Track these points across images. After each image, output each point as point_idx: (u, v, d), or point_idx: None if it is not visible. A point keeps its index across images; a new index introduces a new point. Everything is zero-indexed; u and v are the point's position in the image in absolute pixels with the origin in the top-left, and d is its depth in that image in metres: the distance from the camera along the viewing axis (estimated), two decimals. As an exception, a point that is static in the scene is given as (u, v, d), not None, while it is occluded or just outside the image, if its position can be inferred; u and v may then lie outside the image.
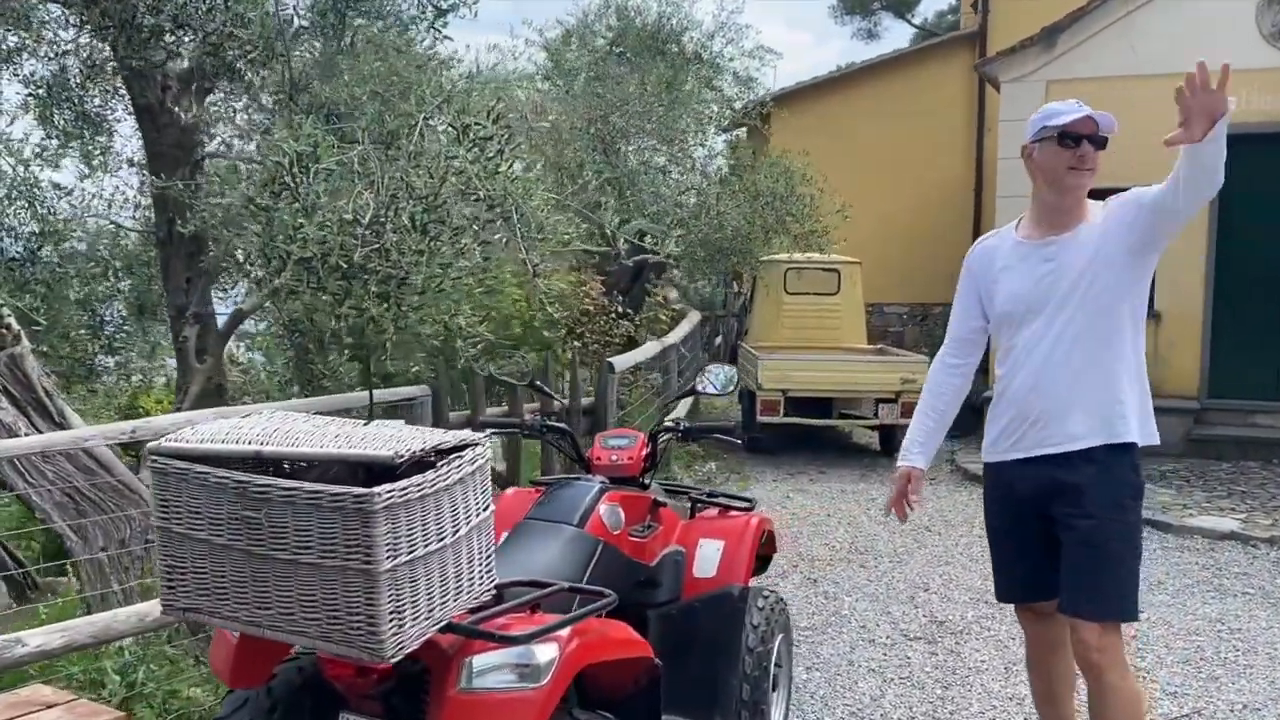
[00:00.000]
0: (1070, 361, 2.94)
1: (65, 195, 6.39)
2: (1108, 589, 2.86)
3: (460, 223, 4.52)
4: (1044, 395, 2.99)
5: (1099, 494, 2.88)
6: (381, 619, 2.05)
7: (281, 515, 2.11)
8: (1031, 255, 3.01)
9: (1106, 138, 2.89)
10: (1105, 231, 2.91)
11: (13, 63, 7.73)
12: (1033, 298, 3.00)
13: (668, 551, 3.42)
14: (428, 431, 2.33)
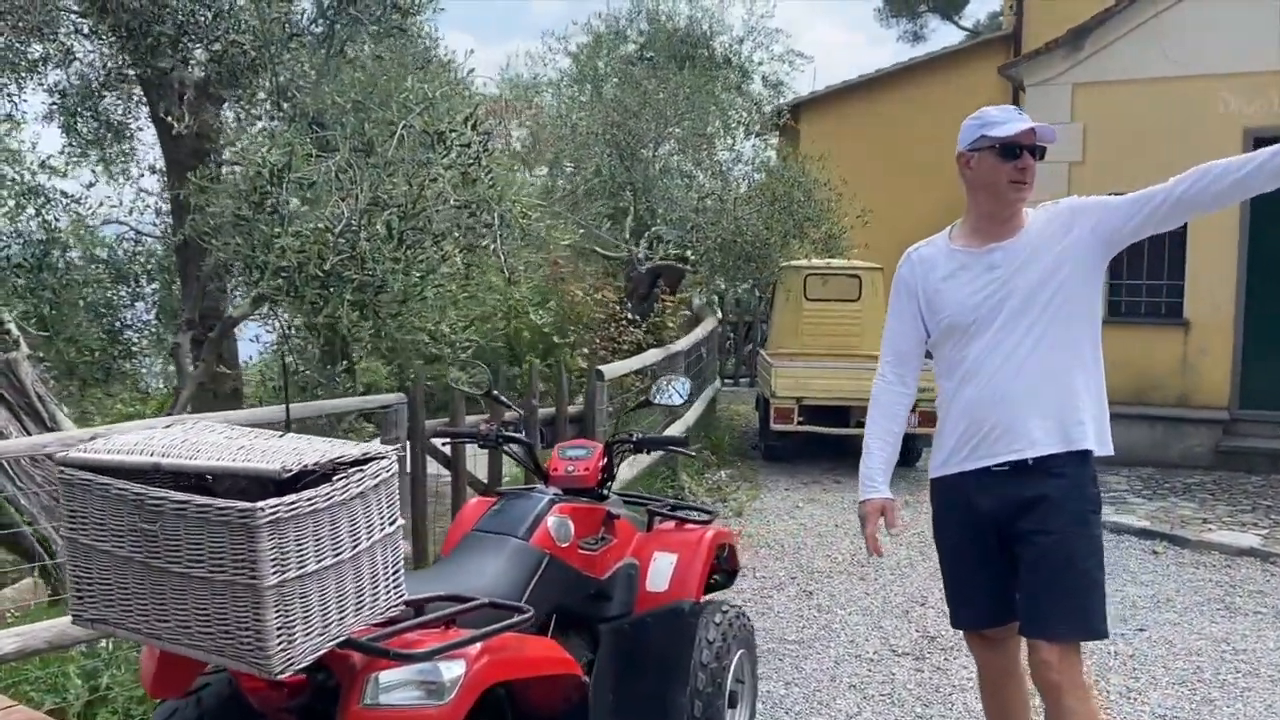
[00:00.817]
0: (1026, 370, 2.84)
1: (74, 203, 6.47)
2: (1073, 607, 2.76)
3: (442, 229, 4.53)
4: (999, 405, 2.89)
5: (1062, 508, 2.79)
6: (269, 634, 2.04)
7: (175, 529, 2.10)
8: (973, 264, 2.92)
9: (1045, 148, 2.82)
10: (1070, 234, 2.81)
11: (37, 73, 7.90)
12: (983, 308, 2.91)
13: (621, 565, 3.37)
14: (334, 444, 2.32)
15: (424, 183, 4.38)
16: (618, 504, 3.54)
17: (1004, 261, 2.86)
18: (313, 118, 4.72)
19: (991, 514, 2.92)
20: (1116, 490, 8.33)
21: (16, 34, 7.32)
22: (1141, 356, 9.72)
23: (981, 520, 2.95)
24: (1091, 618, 2.78)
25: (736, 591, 5.84)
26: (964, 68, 14.88)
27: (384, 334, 4.22)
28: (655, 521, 3.57)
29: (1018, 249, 2.85)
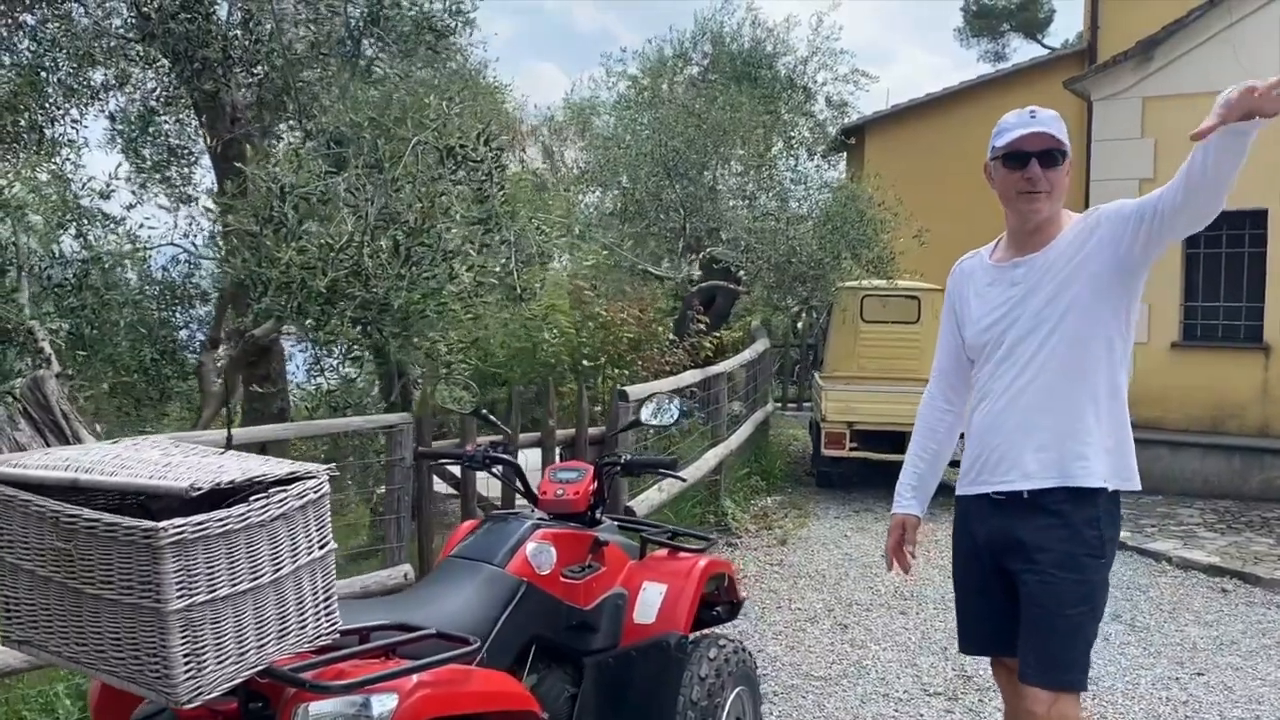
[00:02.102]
0: (1026, 398, 2.64)
1: (115, 224, 6.58)
2: (1056, 655, 2.55)
3: (452, 247, 4.44)
4: (998, 432, 2.70)
5: (1052, 551, 2.56)
6: (175, 661, 1.93)
7: (88, 548, 2.00)
8: (1000, 279, 2.73)
9: (1061, 153, 2.58)
10: (1085, 248, 2.59)
11: (99, 99, 8.11)
12: (996, 328, 2.72)
13: (609, 595, 3.20)
14: (270, 463, 2.21)
15: (432, 199, 4.29)
16: (611, 529, 3.39)
17: (1024, 278, 2.66)
18: (331, 135, 4.69)
19: (987, 543, 2.75)
20: (1187, 524, 7.89)
21: (77, 61, 7.54)
22: (1218, 382, 9.24)
23: (978, 548, 2.79)
24: (1065, 668, 2.56)
25: (769, 624, 5.63)
26: (1035, 85, 14.42)
27: (386, 352, 4.14)
28: (648, 549, 3.39)
29: (1039, 264, 2.64)
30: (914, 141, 14.68)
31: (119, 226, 6.63)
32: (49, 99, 7.59)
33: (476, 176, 4.36)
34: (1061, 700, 2.53)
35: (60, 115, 7.80)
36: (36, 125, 7.58)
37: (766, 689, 4.68)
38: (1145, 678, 4.85)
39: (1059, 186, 2.62)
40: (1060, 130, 2.59)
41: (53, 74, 7.51)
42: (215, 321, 5.72)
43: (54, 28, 7.35)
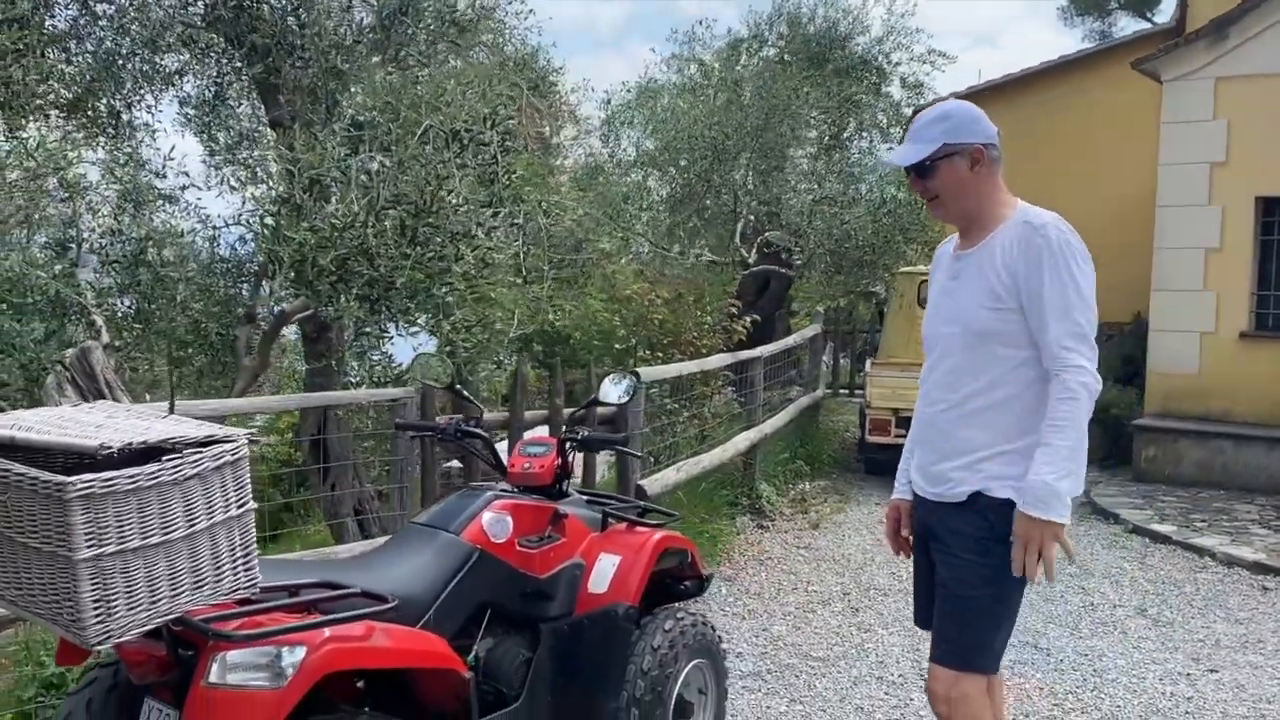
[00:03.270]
0: (946, 398, 2.63)
1: (168, 202, 6.90)
2: (957, 635, 2.57)
3: (459, 228, 4.58)
4: (922, 432, 2.74)
5: (962, 535, 2.56)
6: (85, 606, 2.09)
7: (17, 499, 2.18)
8: (949, 269, 2.72)
9: (927, 164, 2.55)
10: (1005, 260, 2.50)
11: (173, 85, 8.48)
12: (935, 320, 2.72)
13: (567, 564, 3.30)
14: (197, 426, 2.37)
15: (439, 180, 4.43)
16: (576, 503, 3.49)
17: (961, 272, 2.63)
18: (351, 119, 4.86)
19: (919, 531, 2.79)
20: (1241, 520, 7.62)
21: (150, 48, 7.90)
22: (1291, 374, 8.86)
23: (918, 530, 2.81)
24: (967, 649, 2.56)
25: (780, 605, 5.67)
26: (1122, 66, 13.96)
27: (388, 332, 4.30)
28: (609, 523, 3.48)
29: (974, 259, 2.59)
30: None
31: (174, 206, 6.95)
32: (124, 85, 7.99)
33: (482, 160, 4.49)
34: (963, 680, 2.55)
35: (136, 100, 8.19)
36: (114, 110, 7.98)
37: (760, 667, 4.73)
38: (1154, 672, 4.75)
39: (948, 187, 2.57)
40: (931, 134, 2.54)
41: (128, 61, 7.90)
42: (250, 297, 5.97)
43: (130, 16, 7.72)
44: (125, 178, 7.17)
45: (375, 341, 4.53)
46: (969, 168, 2.55)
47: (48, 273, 5.47)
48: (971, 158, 2.55)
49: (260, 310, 6.13)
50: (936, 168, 2.55)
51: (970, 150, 2.55)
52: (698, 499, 6.76)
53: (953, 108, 2.61)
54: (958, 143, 2.54)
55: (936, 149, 2.53)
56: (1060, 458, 2.38)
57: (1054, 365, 2.44)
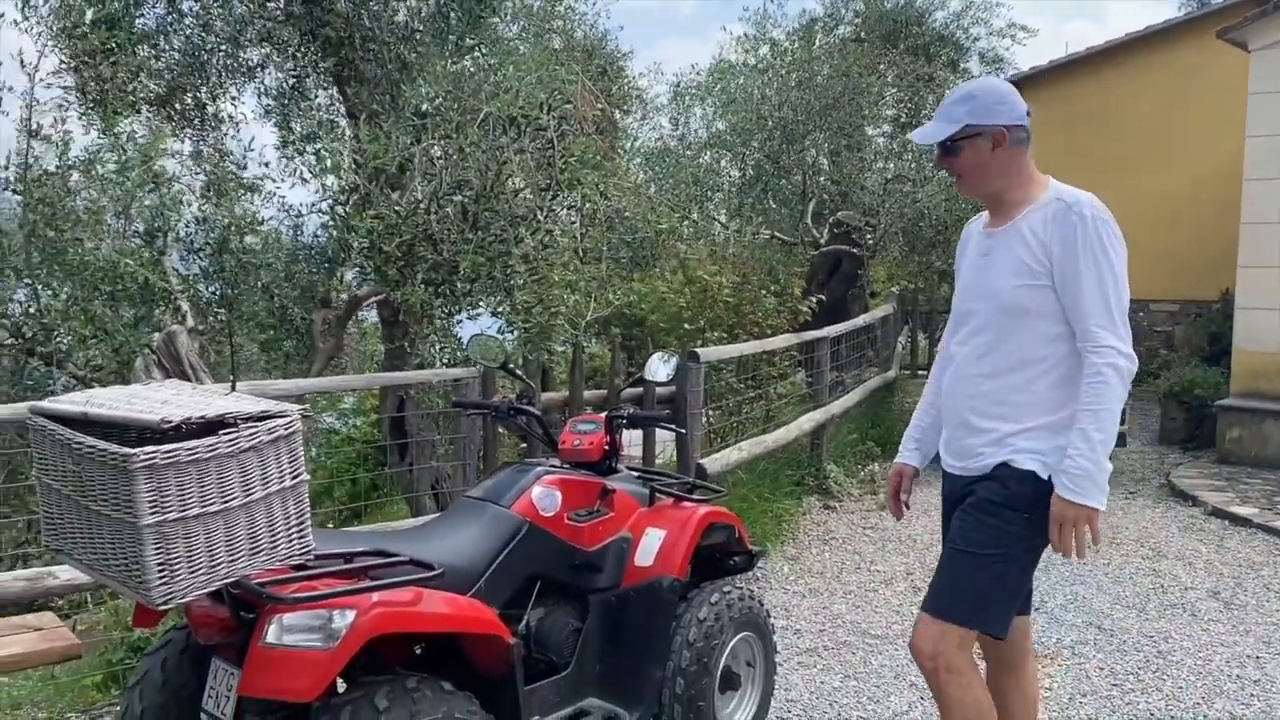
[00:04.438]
0: (977, 373, 2.66)
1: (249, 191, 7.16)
2: (945, 585, 2.64)
3: (520, 212, 4.70)
4: (950, 407, 2.77)
5: (975, 497, 2.63)
6: (150, 569, 2.25)
7: (90, 470, 2.36)
8: (979, 246, 2.74)
9: (949, 143, 2.58)
10: (1038, 237, 2.53)
11: (255, 77, 8.77)
12: (967, 296, 2.73)
13: (614, 538, 3.40)
14: (256, 402, 2.52)
15: (499, 165, 4.55)
16: (626, 478, 3.58)
17: (993, 249, 2.65)
18: (415, 108, 5.01)
19: (949, 501, 2.83)
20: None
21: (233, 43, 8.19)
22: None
23: (947, 506, 2.85)
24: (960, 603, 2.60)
25: (841, 584, 5.70)
26: (1207, 36, 13.47)
27: (453, 312, 4.44)
28: (656, 498, 3.56)
29: (1006, 236, 2.61)
30: (1076, 99, 13.98)
31: (255, 195, 7.21)
32: (210, 79, 8.29)
33: (539, 144, 4.59)
34: (949, 633, 2.58)
35: (221, 93, 8.49)
36: (200, 103, 8.30)
37: (817, 643, 4.78)
38: (1222, 655, 4.67)
39: (970, 168, 2.59)
40: (956, 113, 2.55)
41: (213, 56, 8.19)
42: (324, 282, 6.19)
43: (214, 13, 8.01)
44: (210, 168, 7.46)
45: (441, 324, 4.67)
46: (990, 149, 2.56)
47: (135, 260, 5.73)
48: (994, 139, 2.55)
49: (334, 295, 6.34)
50: (960, 147, 2.57)
51: (993, 132, 2.55)
52: (762, 479, 6.80)
53: (979, 87, 2.62)
54: (980, 124, 2.54)
55: (959, 129, 2.55)
56: (1095, 442, 2.41)
57: (1086, 344, 2.47)
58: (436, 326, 5.07)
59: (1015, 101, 2.59)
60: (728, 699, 3.52)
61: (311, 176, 8.64)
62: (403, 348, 6.66)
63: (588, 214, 4.74)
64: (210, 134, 8.29)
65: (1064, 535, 2.45)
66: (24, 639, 3.17)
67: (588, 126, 5.26)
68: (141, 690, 2.89)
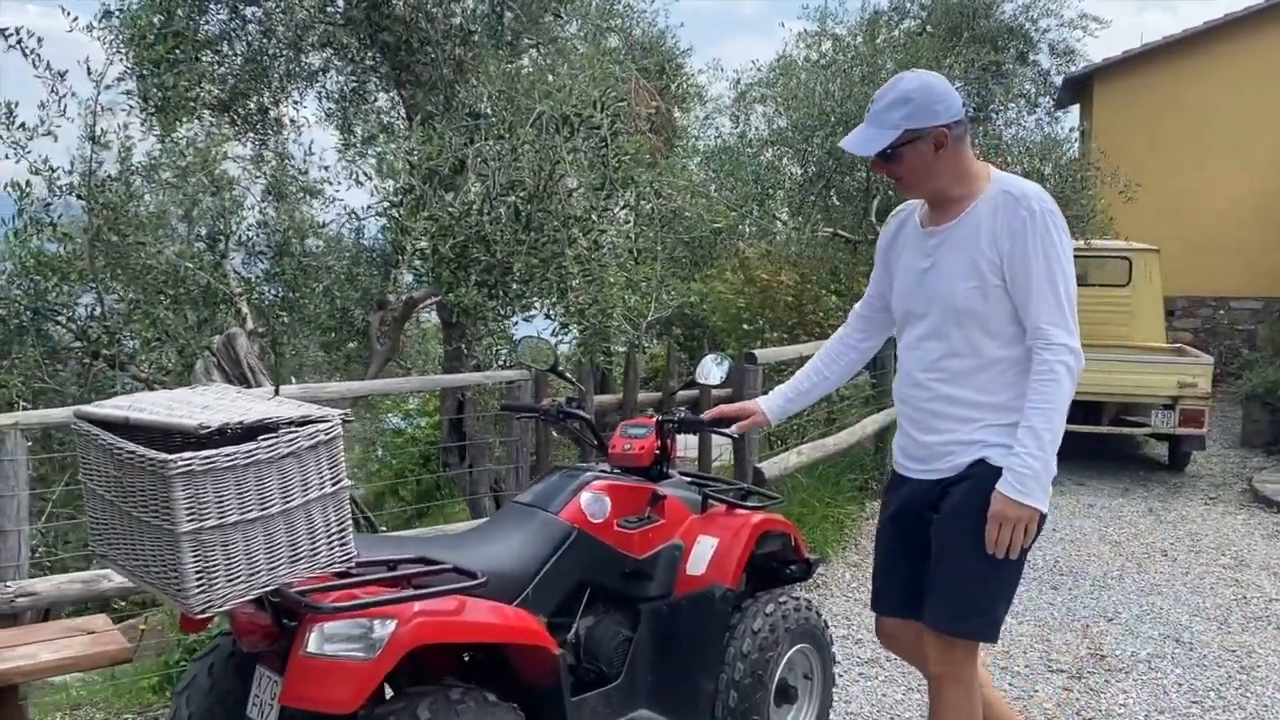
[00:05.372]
0: (932, 376, 2.58)
1: (313, 196, 7.22)
2: (952, 601, 2.52)
3: (574, 212, 4.63)
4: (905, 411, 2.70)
5: (963, 508, 2.49)
6: (188, 576, 2.21)
7: (131, 476, 2.33)
8: (920, 246, 2.61)
9: (889, 151, 2.44)
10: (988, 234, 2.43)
11: (316, 81, 8.85)
12: (910, 297, 2.62)
13: (665, 545, 3.31)
14: (286, 405, 2.48)
15: (553, 165, 4.49)
16: (678, 484, 3.49)
17: (937, 250, 2.55)
18: (470, 108, 4.97)
19: (903, 505, 2.74)
20: None
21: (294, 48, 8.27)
22: None
23: (896, 511, 2.76)
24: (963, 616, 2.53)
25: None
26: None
27: (507, 315, 4.39)
28: (709, 505, 3.46)
29: (952, 237, 2.51)
30: (1151, 90, 13.57)
31: (315, 199, 7.27)
32: (272, 83, 8.38)
33: (592, 143, 4.52)
34: (958, 646, 2.53)
35: (283, 98, 8.58)
36: (263, 108, 8.39)
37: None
38: (1310, 672, 4.44)
39: (912, 172, 2.48)
40: (892, 119, 2.41)
41: (275, 61, 8.28)
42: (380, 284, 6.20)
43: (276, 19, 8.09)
44: (270, 172, 7.55)
45: (494, 326, 4.64)
46: (933, 151, 2.44)
47: (195, 264, 5.79)
48: (935, 141, 2.43)
49: (391, 297, 6.35)
50: (900, 153, 2.45)
51: (934, 134, 2.42)
52: (823, 483, 6.66)
53: (913, 88, 2.44)
54: (920, 127, 2.41)
55: (898, 136, 2.42)
56: (1045, 441, 2.36)
57: (1035, 341, 2.41)
58: (491, 328, 5.01)
59: (952, 96, 2.47)
60: (783, 713, 3.41)
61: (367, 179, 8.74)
62: (460, 349, 6.66)
63: (642, 213, 4.65)
64: (272, 138, 8.39)
65: (1002, 534, 2.38)
66: (77, 642, 3.18)
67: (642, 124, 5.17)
68: (189, 696, 2.87)
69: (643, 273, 4.67)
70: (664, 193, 4.73)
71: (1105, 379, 8.31)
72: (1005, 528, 2.37)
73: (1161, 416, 8.12)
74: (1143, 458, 9.48)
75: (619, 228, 4.62)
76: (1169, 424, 8.09)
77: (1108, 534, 6.71)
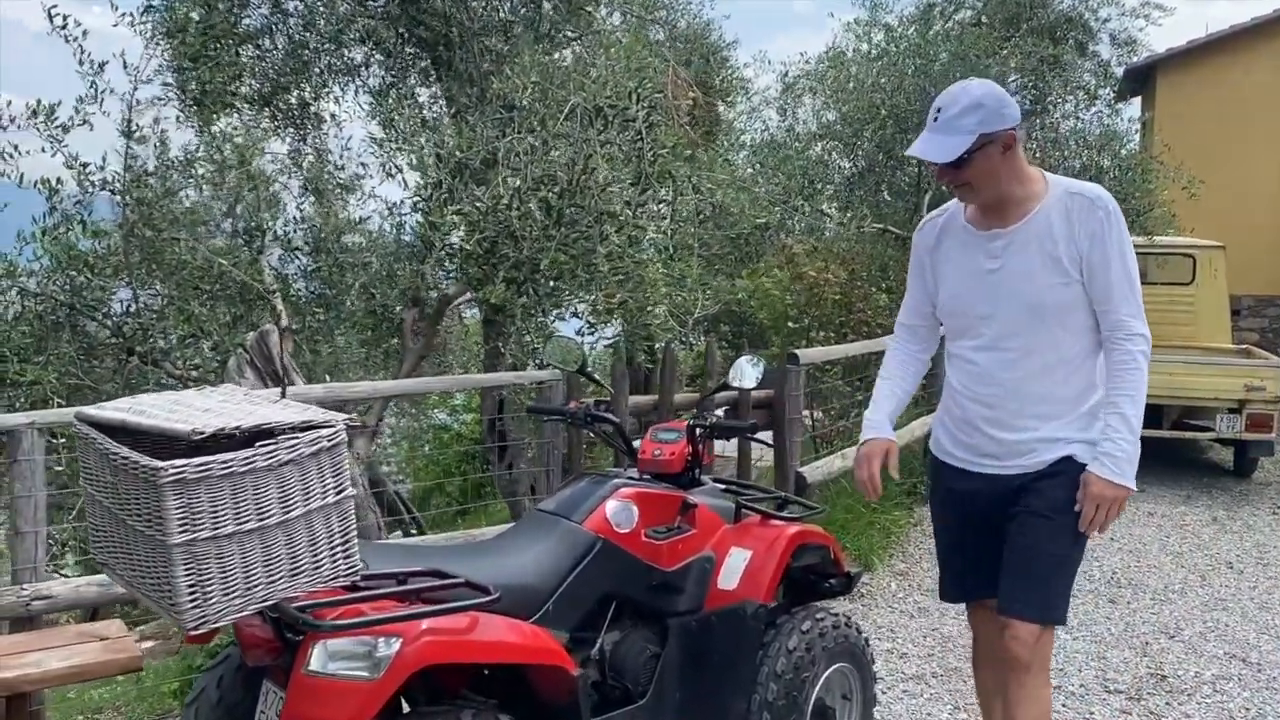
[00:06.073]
0: (1011, 375, 2.64)
1: (349, 192, 7.13)
2: (1041, 590, 2.61)
3: (607, 208, 4.47)
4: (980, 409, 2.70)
5: (1054, 500, 2.60)
6: (180, 590, 2.09)
7: (126, 482, 2.22)
8: (981, 249, 2.64)
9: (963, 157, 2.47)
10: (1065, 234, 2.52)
11: (358, 76, 8.78)
12: (976, 300, 2.65)
13: (696, 558, 3.14)
14: (291, 409, 2.35)
15: (587, 159, 4.34)
16: (712, 492, 3.32)
17: (1004, 251, 2.60)
18: (504, 101, 4.83)
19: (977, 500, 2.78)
20: None
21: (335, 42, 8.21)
22: None
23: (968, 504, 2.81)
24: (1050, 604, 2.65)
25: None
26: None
27: (538, 313, 4.25)
28: (741, 515, 3.29)
29: (1020, 236, 2.58)
30: (1219, 82, 13.10)
31: (351, 195, 7.19)
32: (313, 78, 8.33)
33: (627, 136, 4.36)
34: (1045, 632, 2.62)
35: (325, 93, 8.52)
36: (304, 102, 8.34)
37: (925, 669, 4.44)
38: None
39: (980, 176, 2.52)
40: (966, 125, 2.45)
41: (316, 55, 8.22)
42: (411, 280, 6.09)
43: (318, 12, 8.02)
44: (308, 167, 7.47)
45: (523, 324, 4.50)
46: (1001, 153, 2.50)
47: (229, 260, 5.72)
48: (1004, 144, 2.50)
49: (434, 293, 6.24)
50: (972, 159, 2.49)
51: (1004, 137, 2.49)
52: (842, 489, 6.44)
53: (983, 93, 2.50)
54: (993, 131, 2.47)
55: (973, 141, 2.46)
56: (1133, 426, 2.49)
57: (1115, 332, 2.52)
58: (522, 327, 4.88)
59: (1011, 99, 2.55)
60: (822, 735, 3.23)
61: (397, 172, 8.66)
62: (497, 348, 6.54)
63: (679, 209, 4.48)
64: (311, 133, 8.33)
65: (1098, 515, 2.51)
66: (88, 649, 3.09)
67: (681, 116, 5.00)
68: (197, 708, 2.76)
69: (678, 269, 4.50)
70: (702, 188, 4.55)
71: (1167, 381, 7.98)
72: (1103, 508, 2.49)
73: (1226, 421, 7.78)
74: (1207, 463, 9.11)
75: (657, 224, 4.45)
76: (1234, 429, 7.75)
77: (1169, 544, 6.41)
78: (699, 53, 8.62)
